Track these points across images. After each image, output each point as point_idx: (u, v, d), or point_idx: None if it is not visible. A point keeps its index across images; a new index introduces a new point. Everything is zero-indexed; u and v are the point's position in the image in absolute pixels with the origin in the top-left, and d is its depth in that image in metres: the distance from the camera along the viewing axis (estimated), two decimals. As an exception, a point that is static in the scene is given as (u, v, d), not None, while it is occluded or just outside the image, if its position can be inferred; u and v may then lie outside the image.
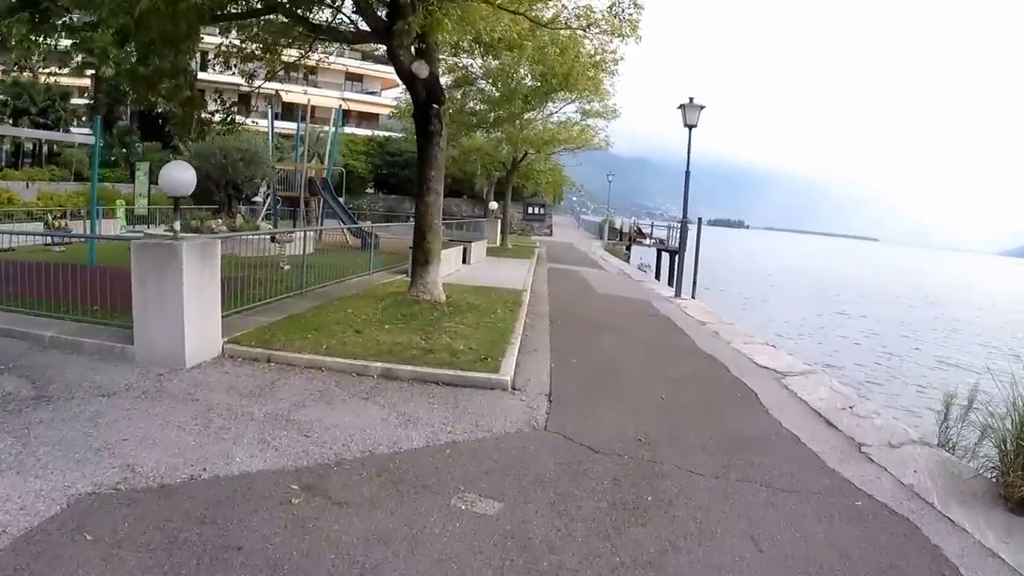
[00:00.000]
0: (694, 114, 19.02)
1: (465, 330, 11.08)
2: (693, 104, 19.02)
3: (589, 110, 30.71)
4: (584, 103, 30.33)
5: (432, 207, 13.45)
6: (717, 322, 15.46)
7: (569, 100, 30.53)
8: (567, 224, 78.03)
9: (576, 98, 29.86)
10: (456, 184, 52.45)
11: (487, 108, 28.49)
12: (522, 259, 27.36)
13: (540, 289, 18.53)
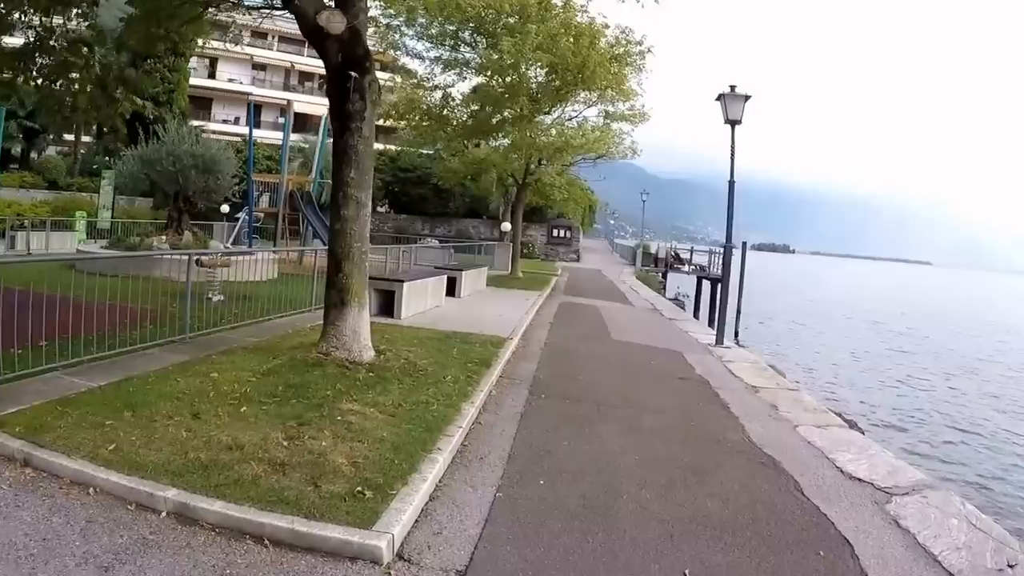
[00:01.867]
0: (737, 106, 14.96)
1: (374, 417, 7.11)
2: (735, 94, 14.97)
3: (613, 113, 26.72)
4: (607, 104, 26.42)
5: (351, 223, 9.53)
6: (774, 386, 11.38)
7: (590, 103, 26.68)
8: (599, 249, 73.97)
9: (598, 99, 26.02)
10: (474, 203, 48.88)
11: (490, 110, 24.67)
12: (531, 291, 23.47)
13: (536, 335, 14.55)
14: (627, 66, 24.25)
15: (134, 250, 20.57)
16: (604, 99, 25.94)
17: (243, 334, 11.42)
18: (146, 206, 40.99)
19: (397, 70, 27.82)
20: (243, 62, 65.68)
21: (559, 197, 30.22)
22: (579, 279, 33.26)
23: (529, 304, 19.31)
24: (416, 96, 25.57)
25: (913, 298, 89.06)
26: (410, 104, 25.52)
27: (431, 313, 15.68)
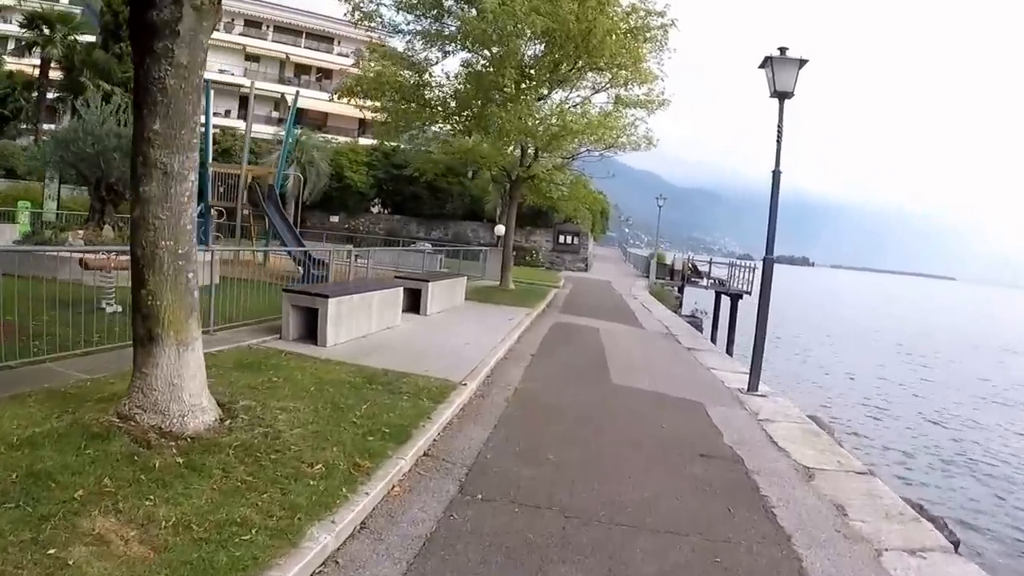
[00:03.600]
0: (788, 74, 11.39)
1: (122, 555, 3.87)
2: (786, 58, 11.47)
3: (627, 98, 22.89)
4: (620, 87, 22.68)
5: (156, 207, 6.07)
6: (834, 465, 7.86)
7: (600, 87, 23.18)
8: (611, 257, 70.39)
9: (609, 82, 22.56)
10: (474, 204, 45.48)
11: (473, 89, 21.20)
12: (520, 307, 19.93)
13: (507, 376, 11.04)
14: (646, 41, 20.83)
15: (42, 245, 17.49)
16: (617, 83, 22.40)
17: (94, 364, 8.47)
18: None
19: (373, 49, 24.20)
20: (235, 52, 62.79)
21: (557, 196, 26.01)
22: (583, 292, 29.70)
23: (512, 326, 15.87)
24: (387, 72, 22.09)
25: (963, 323, 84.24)
26: (378, 80, 22.11)
27: (375, 338, 12.29)
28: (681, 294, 41.79)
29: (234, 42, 62.83)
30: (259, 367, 8.92)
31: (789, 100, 11.55)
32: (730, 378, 12.88)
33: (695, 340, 18.42)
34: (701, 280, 43.59)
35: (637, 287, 36.64)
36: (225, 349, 9.92)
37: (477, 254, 30.92)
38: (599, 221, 57.00)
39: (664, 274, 43.51)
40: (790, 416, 10.26)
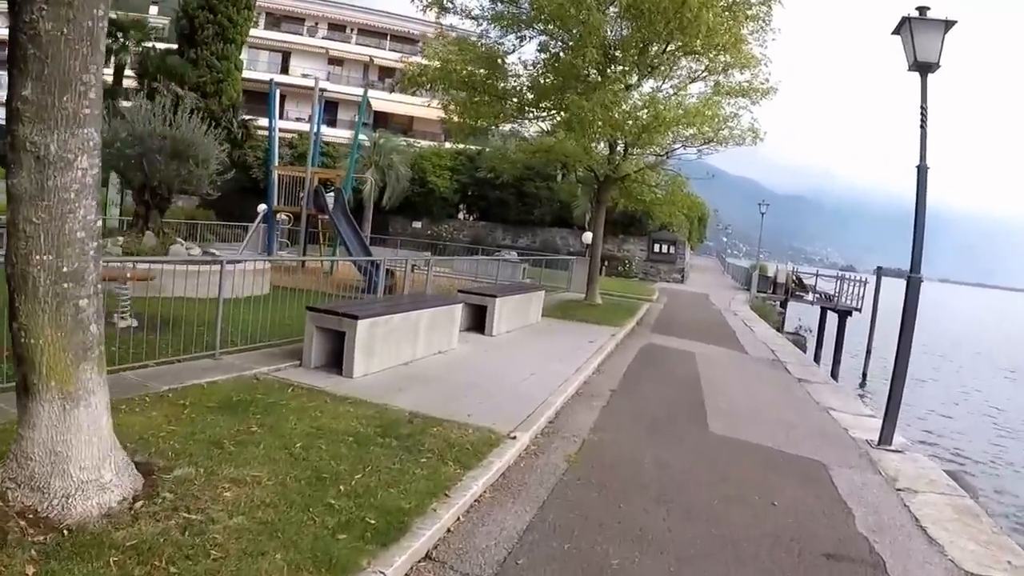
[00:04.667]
0: (931, 40, 9.07)
1: None
2: (928, 19, 9.13)
3: (726, 86, 20.51)
4: (718, 74, 20.38)
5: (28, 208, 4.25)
6: (1002, 568, 5.61)
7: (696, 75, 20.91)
8: (709, 268, 67.42)
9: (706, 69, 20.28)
10: (563, 210, 43.40)
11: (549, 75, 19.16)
12: (605, 325, 17.74)
13: (575, 422, 8.88)
14: (747, 19, 18.53)
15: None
16: (715, 69, 20.11)
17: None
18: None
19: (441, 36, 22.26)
20: (318, 56, 62.17)
21: (650, 199, 23.64)
22: (679, 307, 27.28)
23: (592, 350, 13.75)
24: (454, 60, 20.06)
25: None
26: (444, 69, 20.09)
27: (419, 366, 10.37)
28: (784, 309, 39.08)
29: (317, 46, 62.20)
30: (247, 408, 7.11)
31: (932, 74, 9.22)
32: (853, 423, 10.47)
33: (806, 369, 15.87)
34: (806, 294, 40.83)
35: (737, 301, 34.05)
36: (220, 380, 8.19)
37: (563, 263, 28.79)
38: (696, 229, 54.26)
39: (766, 287, 40.88)
40: (936, 484, 7.85)
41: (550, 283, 25.49)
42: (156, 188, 17.05)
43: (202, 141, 17.27)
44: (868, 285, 35.66)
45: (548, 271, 27.05)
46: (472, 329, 14.36)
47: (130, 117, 16.87)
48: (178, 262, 12.93)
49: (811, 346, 33.41)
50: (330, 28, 64.55)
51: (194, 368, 8.61)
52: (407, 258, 16.94)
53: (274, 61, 60.90)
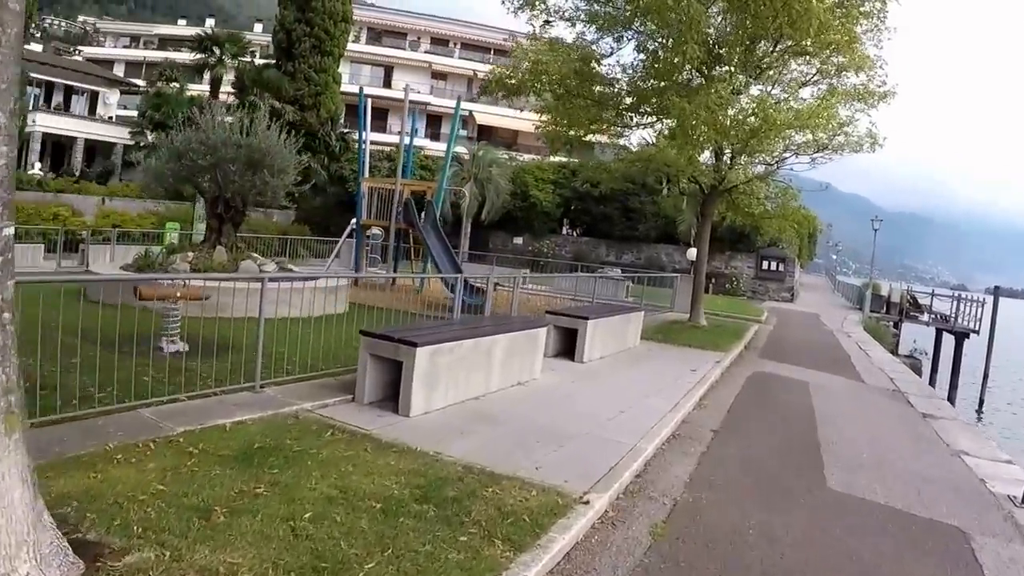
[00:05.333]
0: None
1: None
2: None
3: (840, 90, 18.57)
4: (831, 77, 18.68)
5: None
6: None
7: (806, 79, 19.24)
8: (818, 286, 64.18)
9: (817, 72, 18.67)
10: (668, 225, 41.54)
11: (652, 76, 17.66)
12: (709, 350, 16.13)
13: (665, 474, 7.37)
14: (861, 17, 16.82)
15: (144, 271, 15.37)
16: (827, 71, 18.41)
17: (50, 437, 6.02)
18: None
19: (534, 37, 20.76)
20: (421, 70, 61.98)
21: (759, 212, 21.77)
22: (789, 329, 25.23)
23: (693, 380, 12.17)
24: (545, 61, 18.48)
25: None
26: (534, 71, 18.63)
27: (491, 401, 9.04)
28: (898, 330, 36.93)
29: (420, 60, 62.06)
30: (266, 459, 5.90)
31: None
32: (991, 472, 8.72)
33: (930, 402, 13.82)
34: (921, 314, 38.87)
35: (849, 322, 31.70)
36: (249, 420, 7.04)
37: (667, 281, 27.05)
38: (806, 245, 51.51)
39: (878, 307, 38.69)
40: None
41: (652, 302, 23.84)
42: (230, 200, 16.24)
43: (279, 150, 16.32)
44: (986, 306, 34.48)
45: (650, 289, 25.32)
46: (562, 354, 12.98)
47: (204, 126, 16.13)
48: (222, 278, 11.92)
49: (926, 369, 31.88)
50: (433, 42, 64.41)
51: (226, 404, 7.48)
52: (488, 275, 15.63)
53: (377, 75, 61.01)
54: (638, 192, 40.67)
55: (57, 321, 6.76)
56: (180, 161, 15.91)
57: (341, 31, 40.48)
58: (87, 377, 7.24)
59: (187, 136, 16.13)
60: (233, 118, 17.11)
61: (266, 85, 37.78)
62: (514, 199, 42.65)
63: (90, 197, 31.96)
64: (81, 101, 51.17)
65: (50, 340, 6.95)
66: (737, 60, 17.79)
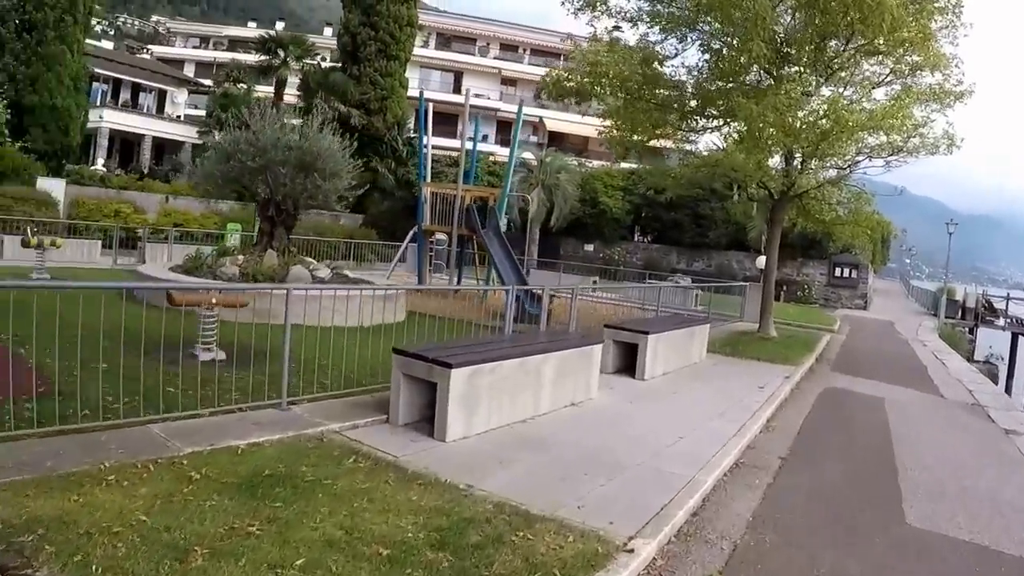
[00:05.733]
0: None
1: None
2: None
3: (915, 90, 17.50)
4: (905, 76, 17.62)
5: None
6: None
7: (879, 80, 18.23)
8: (892, 292, 62.30)
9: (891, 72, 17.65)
10: (739, 232, 40.43)
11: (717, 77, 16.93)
12: (778, 363, 15.22)
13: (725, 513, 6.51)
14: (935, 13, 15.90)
15: (191, 273, 15.31)
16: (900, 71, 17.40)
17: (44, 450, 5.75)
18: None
19: (595, 39, 19.76)
20: (490, 76, 61.62)
21: (830, 218, 20.56)
22: (862, 338, 24.05)
23: (761, 399, 11.30)
24: (606, 62, 17.52)
25: None
26: (594, 72, 17.71)
27: (539, 424, 8.34)
28: (973, 336, 36.27)
29: (490, 66, 61.75)
30: (272, 489, 5.37)
31: None
32: None
33: (1012, 417, 12.71)
34: (997, 319, 38.03)
35: (924, 329, 30.35)
36: (266, 441, 6.50)
37: (737, 289, 25.96)
38: (880, 251, 49.66)
39: (953, 312, 37.73)
40: None
41: (721, 311, 22.97)
42: (280, 203, 15.83)
43: (331, 153, 15.84)
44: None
45: (719, 297, 24.32)
46: (623, 371, 12.17)
47: (253, 126, 15.75)
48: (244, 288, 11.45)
49: (1002, 375, 31.05)
50: (502, 48, 64.06)
51: (246, 422, 6.95)
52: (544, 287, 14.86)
53: (446, 81, 60.84)
54: (708, 198, 39.96)
55: (98, 323, 6.78)
56: (228, 162, 15.57)
57: (407, 35, 40.28)
58: (109, 385, 6.91)
59: (235, 137, 15.79)
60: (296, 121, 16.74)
61: (331, 88, 37.67)
62: (584, 206, 42.13)
63: (153, 195, 32.04)
64: (149, 99, 51.77)
65: (87, 344, 6.84)
66: (807, 59, 16.84)
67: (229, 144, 15.75)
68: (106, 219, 26.68)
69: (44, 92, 28.42)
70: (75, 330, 6.92)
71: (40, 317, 6.55)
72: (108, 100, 48.16)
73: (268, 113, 15.97)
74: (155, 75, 52.59)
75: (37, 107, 28.44)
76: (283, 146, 15.20)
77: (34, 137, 28.50)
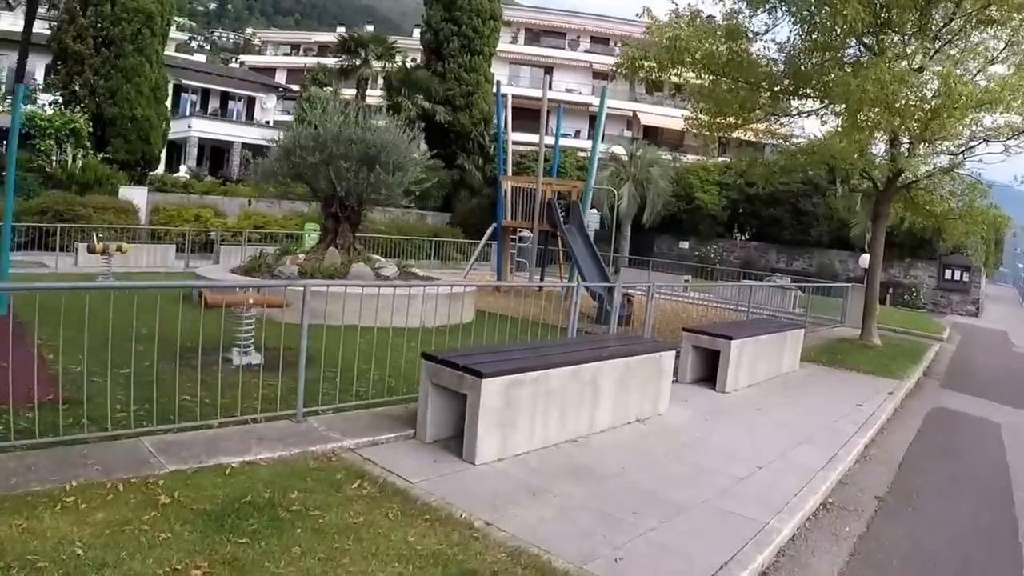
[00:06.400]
0: None
1: None
2: None
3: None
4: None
5: None
6: None
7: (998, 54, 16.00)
8: (1003, 297, 58.14)
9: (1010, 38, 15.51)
10: (842, 229, 38.54)
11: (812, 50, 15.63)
12: (881, 376, 13.75)
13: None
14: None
15: (250, 274, 14.71)
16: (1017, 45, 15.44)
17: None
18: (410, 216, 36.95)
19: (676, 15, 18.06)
20: (581, 70, 60.62)
21: (941, 210, 18.37)
22: (975, 350, 22.17)
23: (858, 421, 9.90)
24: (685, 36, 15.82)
25: None
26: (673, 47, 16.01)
27: (593, 445, 7.34)
28: None
29: (580, 60, 60.75)
30: (245, 520, 4.62)
31: None
32: None
33: None
34: None
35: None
36: (263, 460, 5.76)
37: (838, 291, 24.07)
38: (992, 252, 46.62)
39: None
40: None
41: (820, 314, 21.49)
42: (343, 199, 15.19)
43: (395, 145, 15.10)
44: None
45: (818, 299, 22.61)
46: (703, 380, 11.02)
47: (312, 118, 15.17)
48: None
49: None
50: (593, 41, 63.01)
51: (250, 436, 6.17)
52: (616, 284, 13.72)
53: (536, 76, 60.03)
54: (809, 193, 38.57)
55: (143, 325, 6.45)
56: (288, 159, 15.04)
57: (490, 29, 39.66)
58: (123, 393, 6.52)
59: (296, 132, 15.27)
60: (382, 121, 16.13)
61: (415, 86, 37.54)
62: (679, 201, 41.07)
63: (236, 199, 32.26)
64: (238, 106, 52.53)
65: (120, 348, 6.39)
66: (911, 28, 15.09)
67: (289, 140, 15.25)
68: (185, 224, 26.88)
69: (124, 104, 28.73)
70: (120, 333, 6.36)
71: (74, 319, 6.19)
72: (197, 109, 49.32)
73: (331, 106, 15.38)
74: (243, 83, 53.46)
75: (117, 118, 28.78)
76: (345, 139, 14.57)
77: (115, 148, 28.87)
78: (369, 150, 14.64)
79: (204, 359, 7.41)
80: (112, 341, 5.85)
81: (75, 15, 27.85)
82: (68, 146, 26.39)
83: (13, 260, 19.24)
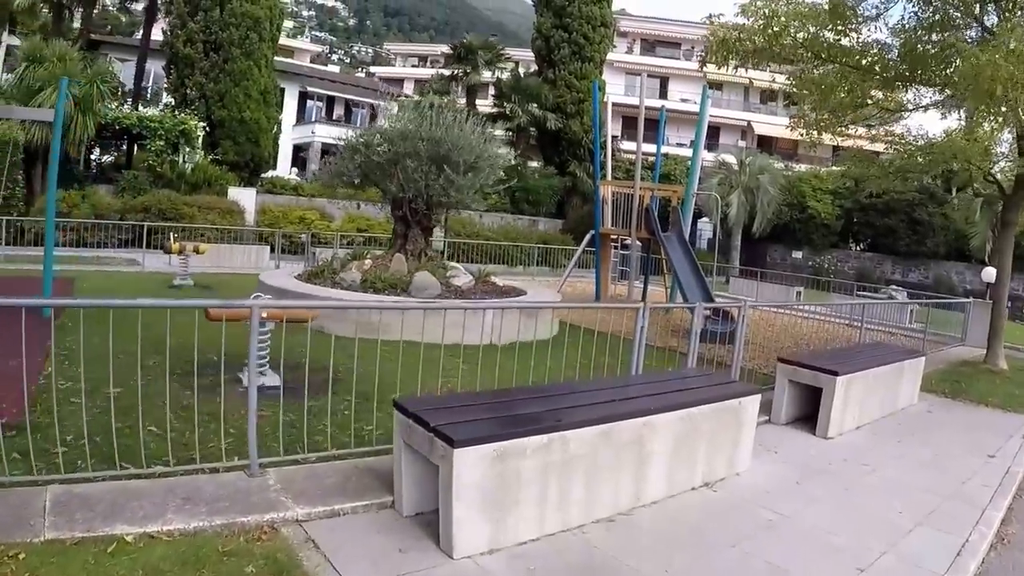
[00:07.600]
0: None
1: None
2: None
3: None
4: None
5: None
6: None
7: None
8: None
9: None
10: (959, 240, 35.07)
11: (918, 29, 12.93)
12: (1012, 412, 11.05)
13: None
14: None
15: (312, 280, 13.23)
16: None
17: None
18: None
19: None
20: (696, 79, 57.96)
21: None
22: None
23: (991, 481, 7.42)
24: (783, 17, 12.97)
25: None
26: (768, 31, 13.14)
27: (637, 522, 5.28)
28: None
29: (694, 69, 58.19)
30: None
31: None
32: None
33: None
34: None
35: None
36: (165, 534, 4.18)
37: (959, 306, 20.56)
38: None
39: None
40: None
41: (940, 331, 18.69)
42: (411, 201, 13.48)
43: (467, 143, 13.27)
44: None
45: (937, 314, 19.65)
46: (802, 420, 8.74)
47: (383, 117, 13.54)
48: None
49: None
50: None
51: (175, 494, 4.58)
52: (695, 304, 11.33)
53: (651, 86, 57.93)
54: (924, 202, 36.02)
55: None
56: (354, 157, 13.48)
57: (601, 36, 38.09)
58: (92, 419, 5.28)
59: (366, 130, 13.72)
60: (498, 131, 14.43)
61: (525, 93, 36.75)
62: (791, 210, 38.83)
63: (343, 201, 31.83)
64: (362, 113, 52.79)
65: (127, 366, 5.72)
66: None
67: (357, 139, 13.68)
68: (290, 225, 26.55)
69: (232, 106, 28.41)
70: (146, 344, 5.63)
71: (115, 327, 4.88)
72: (322, 116, 49.82)
73: (405, 103, 13.72)
74: (368, 91, 53.69)
75: (226, 121, 28.51)
76: (414, 137, 12.86)
77: (225, 149, 28.68)
78: (440, 149, 12.95)
79: (214, 380, 5.97)
80: (128, 356, 5.34)
81: (186, 20, 27.73)
82: (180, 147, 26.27)
83: (105, 256, 19.01)
